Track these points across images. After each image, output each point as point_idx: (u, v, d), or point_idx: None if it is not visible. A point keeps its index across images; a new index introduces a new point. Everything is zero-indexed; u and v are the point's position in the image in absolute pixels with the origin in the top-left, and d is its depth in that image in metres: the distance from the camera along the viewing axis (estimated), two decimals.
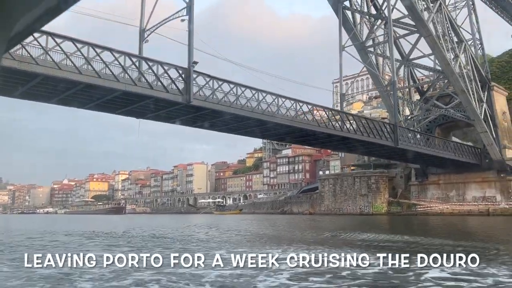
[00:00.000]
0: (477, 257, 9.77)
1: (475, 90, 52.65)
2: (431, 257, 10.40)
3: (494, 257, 14.52)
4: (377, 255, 11.98)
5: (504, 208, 51.11)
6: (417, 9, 45.60)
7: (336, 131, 36.79)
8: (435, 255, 10.47)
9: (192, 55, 26.97)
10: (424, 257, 10.54)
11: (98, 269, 10.24)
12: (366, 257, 11.37)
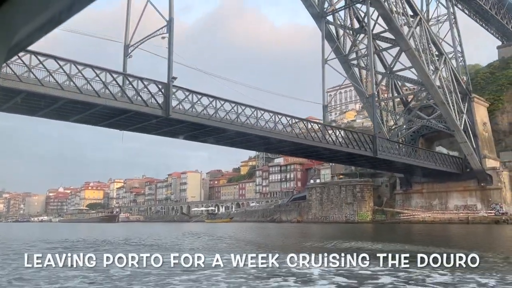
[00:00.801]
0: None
1: (455, 101, 54.31)
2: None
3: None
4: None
5: (483, 216, 52.49)
6: (396, 24, 47.34)
7: (315, 142, 38.24)
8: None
9: (172, 70, 28.45)
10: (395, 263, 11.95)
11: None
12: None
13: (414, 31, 50.14)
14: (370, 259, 13.04)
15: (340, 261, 13.09)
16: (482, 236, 38.81)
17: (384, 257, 13.00)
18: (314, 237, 31.57)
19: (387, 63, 57.71)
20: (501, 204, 53.87)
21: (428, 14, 68.14)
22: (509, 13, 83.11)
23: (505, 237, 37.76)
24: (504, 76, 77.43)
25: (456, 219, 53.59)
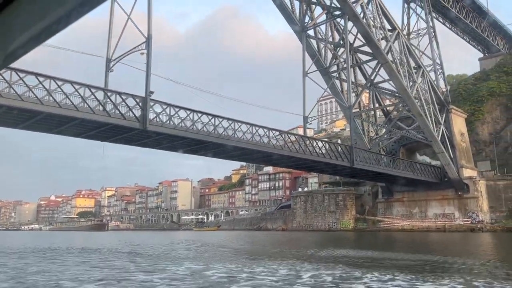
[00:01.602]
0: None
1: (432, 112, 56.08)
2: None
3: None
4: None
5: (459, 225, 53.99)
6: (374, 39, 49.10)
7: (292, 153, 39.64)
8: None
9: (149, 85, 29.83)
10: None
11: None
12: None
13: (391, 45, 51.99)
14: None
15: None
16: (453, 244, 40.20)
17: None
18: (289, 245, 32.80)
19: (368, 75, 59.55)
20: (477, 213, 55.43)
21: (409, 28, 70.41)
22: (489, 26, 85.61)
23: (475, 244, 39.12)
24: (484, 87, 79.56)
25: (434, 227, 55.03)
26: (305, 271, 16.11)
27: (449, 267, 17.82)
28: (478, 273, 15.79)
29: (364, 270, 16.09)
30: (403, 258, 22.52)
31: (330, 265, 17.98)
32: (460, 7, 76.24)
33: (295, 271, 16.11)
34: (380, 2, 51.83)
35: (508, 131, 74.65)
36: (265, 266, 17.82)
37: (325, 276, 14.52)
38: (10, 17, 1.34)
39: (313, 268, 16.94)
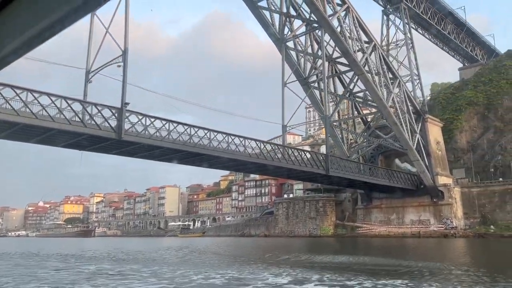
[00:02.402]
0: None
1: (408, 121, 57.91)
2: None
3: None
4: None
5: (433, 231, 55.65)
6: (350, 51, 50.85)
7: (267, 160, 41.00)
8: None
9: (125, 96, 31.07)
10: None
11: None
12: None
13: (368, 57, 53.79)
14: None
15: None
16: (425, 249, 41.68)
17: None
18: (266, 251, 34.04)
19: (347, 85, 61.32)
20: (451, 219, 57.18)
21: (388, 39, 72.57)
22: (468, 37, 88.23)
23: (446, 250, 40.64)
24: (462, 96, 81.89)
25: (409, 233, 56.66)
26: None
27: (418, 272, 18.93)
28: (447, 277, 17.02)
29: (329, 273, 17.39)
30: (376, 263, 23.91)
31: (301, 269, 19.27)
32: (439, 18, 78.67)
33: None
34: (357, 15, 53.65)
35: (485, 139, 76.90)
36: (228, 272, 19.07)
37: (298, 280, 15.64)
38: (0, 24, 1.38)
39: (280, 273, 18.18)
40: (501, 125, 76.31)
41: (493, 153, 73.50)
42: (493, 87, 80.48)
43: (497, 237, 52.45)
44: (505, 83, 79.99)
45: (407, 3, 70.16)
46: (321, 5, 48.62)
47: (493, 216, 57.65)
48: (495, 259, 30.50)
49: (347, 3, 52.71)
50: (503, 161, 70.31)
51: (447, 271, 19.61)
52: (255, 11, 51.92)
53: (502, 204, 57.62)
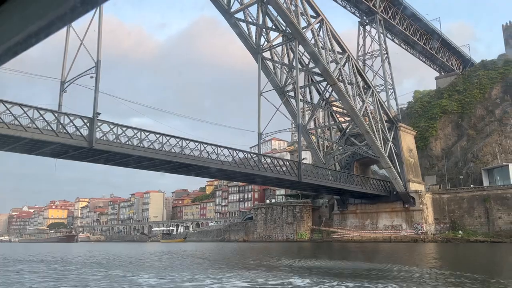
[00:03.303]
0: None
1: (381, 130, 59.87)
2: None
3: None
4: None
5: (404, 236, 57.56)
6: (322, 62, 52.68)
7: (239, 167, 42.41)
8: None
9: (97, 106, 32.29)
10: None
11: None
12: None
13: (341, 67, 55.69)
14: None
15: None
16: (393, 253, 43.36)
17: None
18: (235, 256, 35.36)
19: (322, 95, 63.22)
20: (421, 224, 59.14)
21: (364, 49, 74.84)
22: (444, 47, 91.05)
23: (414, 254, 42.30)
24: (438, 105, 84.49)
25: (381, 238, 58.47)
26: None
27: (384, 274, 20.40)
28: (408, 279, 18.49)
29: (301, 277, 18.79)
30: (346, 266, 25.43)
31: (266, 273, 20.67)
32: (414, 29, 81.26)
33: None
34: (330, 27, 55.56)
35: (458, 146, 79.50)
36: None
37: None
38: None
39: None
40: (473, 133, 78.99)
41: (466, 160, 76.04)
42: (466, 96, 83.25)
43: (463, 242, 54.51)
44: (478, 92, 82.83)
45: (383, 15, 72.58)
46: (295, 18, 50.45)
47: (462, 222, 59.78)
48: (454, 262, 32.30)
49: (321, 16, 54.64)
50: (475, 168, 72.84)
51: (408, 273, 21.19)
52: (232, 23, 53.49)
53: (470, 210, 59.81)
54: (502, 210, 57.41)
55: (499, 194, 58.32)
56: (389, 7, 73.96)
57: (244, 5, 53.29)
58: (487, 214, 58.41)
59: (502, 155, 73.23)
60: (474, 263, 30.32)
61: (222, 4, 51.62)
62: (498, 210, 57.60)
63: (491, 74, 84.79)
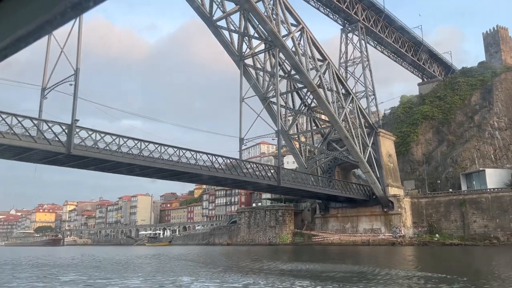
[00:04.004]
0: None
1: (360, 135, 61.32)
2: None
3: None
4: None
5: (382, 239, 58.94)
6: (302, 69, 54.00)
7: (218, 173, 43.43)
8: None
9: (75, 113, 33.16)
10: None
11: None
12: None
13: (321, 74, 57.08)
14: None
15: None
16: (369, 256, 44.62)
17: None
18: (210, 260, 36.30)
19: (304, 101, 64.58)
20: (400, 228, 60.57)
21: (346, 56, 76.43)
22: (426, 54, 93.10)
23: (388, 256, 43.60)
24: (419, 111, 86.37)
25: (360, 241, 59.76)
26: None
27: (347, 276, 21.59)
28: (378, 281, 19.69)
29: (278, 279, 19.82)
30: (321, 269, 26.55)
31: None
32: (396, 37, 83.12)
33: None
34: (311, 35, 56.98)
35: (439, 152, 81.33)
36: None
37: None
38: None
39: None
40: (453, 138, 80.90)
41: (445, 165, 77.82)
42: (447, 103, 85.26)
43: (439, 245, 56.05)
44: (458, 98, 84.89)
45: (364, 23, 74.24)
46: (275, 26, 51.76)
47: (439, 225, 61.36)
48: (423, 264, 33.56)
49: (302, 24, 56.04)
50: (454, 173, 74.59)
51: (379, 275, 22.43)
52: (214, 30, 54.61)
53: (447, 213, 61.41)
54: (477, 214, 59.08)
55: (474, 199, 60.00)
56: (371, 15, 75.66)
57: (227, 13, 54.41)
58: (463, 218, 60.03)
59: (480, 160, 75.13)
60: (444, 265, 31.73)
61: (204, 12, 52.70)
62: (473, 214, 59.25)
63: (471, 81, 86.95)
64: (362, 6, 73.48)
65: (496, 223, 57.46)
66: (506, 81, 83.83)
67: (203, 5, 52.59)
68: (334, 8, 71.03)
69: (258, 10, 50.21)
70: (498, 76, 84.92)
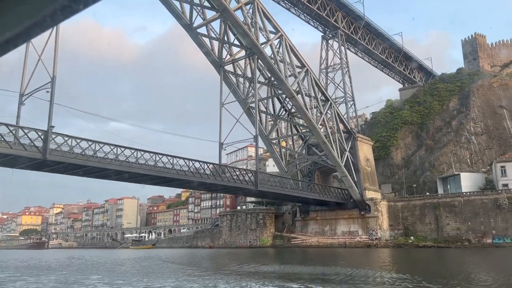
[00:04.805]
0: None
1: (338, 140, 62.83)
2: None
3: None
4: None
5: (358, 241, 60.48)
6: (280, 77, 55.35)
7: (195, 177, 44.55)
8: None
9: (51, 120, 34.09)
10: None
11: None
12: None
13: (299, 81, 58.52)
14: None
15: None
16: (344, 257, 45.93)
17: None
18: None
19: (284, 106, 65.99)
20: (376, 230, 62.16)
21: (327, 62, 78.13)
22: (406, 60, 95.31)
23: (362, 258, 44.90)
24: (399, 116, 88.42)
25: (337, 244, 61.25)
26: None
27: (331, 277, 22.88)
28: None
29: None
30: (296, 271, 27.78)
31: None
32: (376, 43, 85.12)
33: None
34: (290, 43, 58.39)
35: (417, 156, 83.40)
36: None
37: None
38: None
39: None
40: (431, 143, 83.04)
41: (423, 169, 79.85)
42: (426, 108, 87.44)
43: (413, 247, 57.68)
44: (437, 104, 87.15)
45: (345, 30, 76.08)
46: (253, 34, 53.08)
47: (414, 228, 63.06)
48: (393, 264, 35.05)
49: (280, 32, 57.43)
50: (431, 176, 76.58)
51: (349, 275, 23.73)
52: (194, 37, 55.75)
53: (421, 216, 63.14)
54: (450, 217, 60.91)
55: (448, 202, 61.83)
56: (351, 22, 77.55)
57: (207, 20, 55.58)
58: (437, 221, 61.80)
59: (456, 164, 77.26)
60: (413, 266, 33.36)
61: (184, 20, 53.83)
62: (446, 217, 61.07)
63: (449, 87, 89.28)
64: (342, 14, 75.34)
65: (468, 226, 59.32)
66: (482, 88, 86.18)
67: (183, 13, 53.77)
68: (314, 16, 72.76)
69: (236, 18, 51.47)
70: (475, 83, 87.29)
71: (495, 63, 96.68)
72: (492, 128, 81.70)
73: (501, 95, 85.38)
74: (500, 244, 55.79)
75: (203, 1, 53.36)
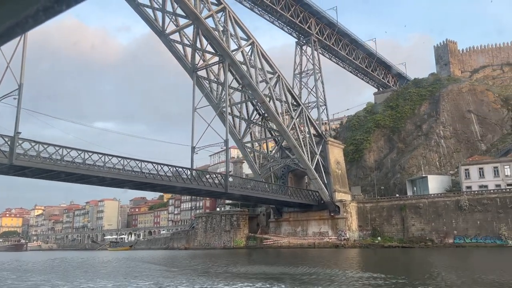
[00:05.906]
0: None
1: (308, 144, 64.78)
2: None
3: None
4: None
5: (327, 242, 62.48)
6: (251, 82, 57.05)
7: (171, 182, 45.92)
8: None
9: (18, 125, 35.17)
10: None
11: None
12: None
13: (271, 86, 60.27)
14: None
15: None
16: (312, 257, 47.70)
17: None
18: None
19: (257, 111, 67.67)
20: (345, 231, 64.23)
21: (301, 67, 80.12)
22: (380, 65, 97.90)
23: (328, 258, 46.71)
24: (372, 119, 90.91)
25: (306, 244, 63.14)
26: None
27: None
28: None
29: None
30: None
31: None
32: (350, 49, 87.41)
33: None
34: (261, 49, 60.11)
35: (389, 159, 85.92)
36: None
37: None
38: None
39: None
40: (402, 146, 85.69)
41: (394, 172, 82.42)
42: (398, 112, 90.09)
43: (379, 247, 59.86)
44: (409, 108, 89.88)
45: (318, 36, 78.17)
46: (224, 41, 54.66)
47: (382, 229, 65.33)
48: (357, 264, 36.88)
49: (252, 39, 59.14)
50: (401, 179, 79.15)
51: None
52: (167, 43, 57.06)
53: (389, 217, 65.45)
54: (415, 218, 63.31)
55: (413, 204, 64.23)
56: (325, 29, 79.67)
57: (180, 27, 56.94)
58: (403, 222, 64.17)
59: (426, 167, 80.00)
60: (376, 265, 35.27)
61: (157, 26, 55.16)
62: (412, 218, 63.46)
63: (421, 92, 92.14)
64: (316, 21, 77.39)
65: (432, 227, 61.79)
66: (452, 93, 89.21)
67: (156, 20, 55.09)
68: (288, 23, 74.64)
69: (207, 26, 53.02)
70: (445, 88, 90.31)
71: (465, 69, 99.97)
72: (461, 132, 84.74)
73: (470, 100, 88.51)
74: (460, 244, 58.33)
75: (175, 9, 54.83)
